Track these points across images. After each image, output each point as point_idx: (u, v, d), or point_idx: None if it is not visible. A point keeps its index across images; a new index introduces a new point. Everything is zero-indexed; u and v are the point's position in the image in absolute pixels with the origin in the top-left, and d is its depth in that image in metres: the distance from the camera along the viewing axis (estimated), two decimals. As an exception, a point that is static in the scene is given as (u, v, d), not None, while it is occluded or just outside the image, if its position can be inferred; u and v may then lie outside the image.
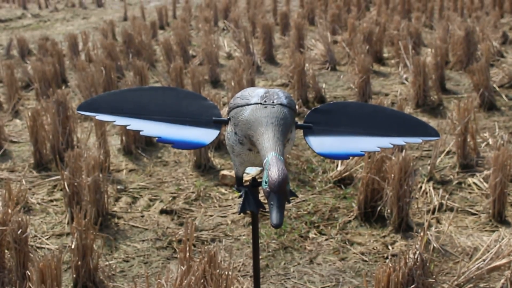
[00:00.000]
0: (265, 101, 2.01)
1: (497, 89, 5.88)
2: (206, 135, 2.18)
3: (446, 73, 6.45)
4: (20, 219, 2.88)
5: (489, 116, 5.32)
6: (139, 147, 4.77)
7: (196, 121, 2.23)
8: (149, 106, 2.29)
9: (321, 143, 2.16)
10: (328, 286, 3.01)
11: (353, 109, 2.34)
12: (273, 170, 1.76)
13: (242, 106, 2.06)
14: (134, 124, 2.23)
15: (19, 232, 2.87)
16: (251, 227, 3.43)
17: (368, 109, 2.39)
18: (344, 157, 2.19)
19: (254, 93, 2.09)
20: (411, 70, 5.97)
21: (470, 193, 3.93)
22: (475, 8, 10.72)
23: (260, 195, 2.28)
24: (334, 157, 2.19)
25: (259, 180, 2.25)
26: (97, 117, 2.26)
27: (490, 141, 4.66)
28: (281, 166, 1.78)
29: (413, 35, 7.29)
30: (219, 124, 2.22)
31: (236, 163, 2.17)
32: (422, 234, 2.81)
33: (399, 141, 2.23)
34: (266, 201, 2.80)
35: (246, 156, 2.10)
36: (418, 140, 2.26)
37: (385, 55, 7.58)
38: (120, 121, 2.25)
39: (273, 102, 2.01)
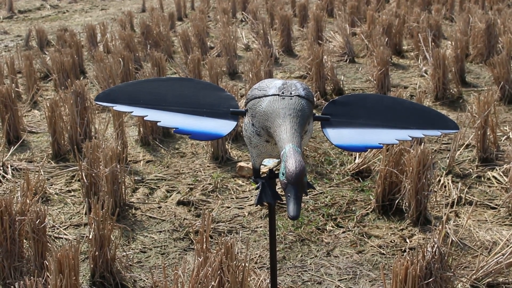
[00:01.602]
0: (283, 93, 2.00)
1: (518, 82, 5.80)
2: (224, 126, 2.17)
3: (466, 66, 6.38)
4: (38, 209, 2.90)
5: (510, 110, 5.25)
6: (157, 138, 4.77)
7: (213, 112, 2.23)
8: (167, 97, 2.29)
9: (339, 135, 2.14)
10: (345, 278, 3.00)
11: (371, 101, 2.32)
12: (291, 162, 1.75)
13: (259, 97, 2.05)
14: (152, 114, 2.24)
15: (37, 222, 2.89)
16: (268, 219, 3.43)
17: (386, 101, 2.36)
18: (362, 149, 2.18)
19: (272, 85, 2.08)
20: (430, 63, 5.91)
21: (489, 187, 3.88)
22: (497, 0, 10.57)
23: (277, 187, 2.26)
24: (352, 149, 2.18)
25: (276, 171, 2.24)
26: (114, 108, 2.27)
27: (511, 134, 4.60)
28: (298, 158, 1.76)
29: (433, 27, 7.21)
30: (236, 115, 2.22)
31: (253, 155, 2.16)
32: (440, 227, 2.78)
33: (418, 133, 2.21)
34: (283, 193, 2.80)
35: (263, 147, 2.09)
36: (437, 133, 2.24)
37: (404, 47, 7.52)
38: (138, 111, 2.26)
39: (291, 93, 2.00)
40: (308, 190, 3.69)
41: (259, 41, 7.53)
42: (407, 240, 3.30)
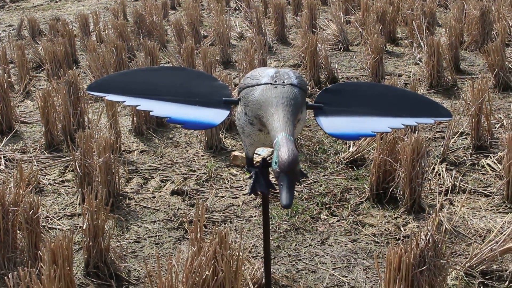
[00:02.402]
0: (275, 81, 1.99)
1: (512, 69, 5.80)
2: (216, 115, 2.16)
3: (461, 54, 6.37)
4: (31, 199, 2.89)
5: (504, 97, 5.25)
6: (150, 128, 4.76)
7: (206, 102, 2.22)
8: (159, 87, 2.28)
9: (332, 124, 2.14)
10: (340, 267, 3.00)
11: (364, 89, 2.31)
12: (283, 151, 1.74)
13: (252, 86, 2.04)
14: (144, 104, 2.23)
15: (30, 213, 2.88)
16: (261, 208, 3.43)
17: (379, 89, 2.35)
18: (354, 137, 2.18)
19: (264, 73, 2.06)
20: (425, 51, 5.90)
21: (483, 174, 3.89)
22: (491, -13, 10.54)
23: (270, 176, 2.26)
24: (344, 137, 2.17)
25: (269, 160, 2.24)
26: (107, 98, 2.26)
27: (505, 122, 4.60)
28: (291, 146, 1.76)
29: (428, 14, 7.19)
30: (229, 104, 2.21)
31: (246, 144, 2.15)
32: (434, 215, 2.78)
33: (411, 121, 2.21)
34: (276, 182, 2.79)
35: (256, 136, 2.08)
36: (430, 120, 2.24)
37: (399, 35, 7.49)
38: (130, 101, 2.24)
39: (283, 82, 1.99)
40: (302, 179, 3.69)
41: (253, 30, 7.50)
42: (401, 228, 3.30)
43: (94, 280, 2.92)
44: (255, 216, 3.49)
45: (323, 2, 9.98)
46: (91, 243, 2.92)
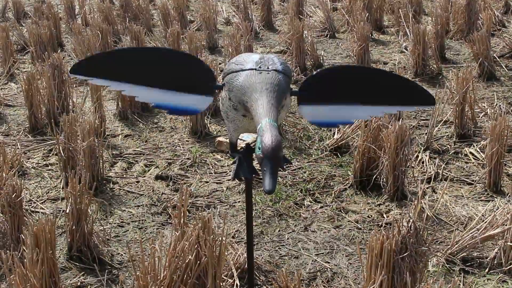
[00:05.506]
0: (260, 67, 1.99)
1: (497, 59, 5.83)
2: (200, 101, 2.16)
3: (446, 42, 6.39)
4: (14, 183, 2.88)
5: (488, 86, 5.28)
6: (135, 113, 4.74)
7: (191, 87, 2.21)
8: (144, 71, 2.26)
9: (314, 112, 2.14)
10: (322, 253, 3.02)
11: (350, 76, 2.30)
12: (267, 136, 1.75)
13: (236, 71, 2.04)
14: (129, 89, 2.22)
15: (13, 196, 2.86)
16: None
17: (364, 75, 2.33)
18: (333, 125, 2.20)
19: (249, 59, 2.06)
20: (410, 39, 5.91)
21: (466, 163, 3.92)
22: (477, -23, 10.54)
23: (254, 162, 2.26)
24: (324, 125, 2.19)
25: (253, 146, 2.24)
26: (91, 81, 2.25)
27: (488, 111, 4.63)
28: (274, 132, 1.76)
29: (414, 3, 7.19)
30: (213, 90, 2.20)
31: (230, 129, 2.16)
32: (416, 202, 2.80)
33: (392, 109, 2.22)
34: (260, 168, 2.79)
35: (240, 122, 2.08)
36: (413, 108, 2.25)
37: (385, 23, 7.50)
38: (115, 86, 2.24)
39: (268, 68, 1.99)
40: (286, 165, 3.70)
41: (240, 15, 7.47)
42: (384, 215, 3.33)
43: (77, 264, 2.92)
44: (239, 201, 3.50)
45: (310, -12, 9.95)
46: (74, 227, 2.92)
